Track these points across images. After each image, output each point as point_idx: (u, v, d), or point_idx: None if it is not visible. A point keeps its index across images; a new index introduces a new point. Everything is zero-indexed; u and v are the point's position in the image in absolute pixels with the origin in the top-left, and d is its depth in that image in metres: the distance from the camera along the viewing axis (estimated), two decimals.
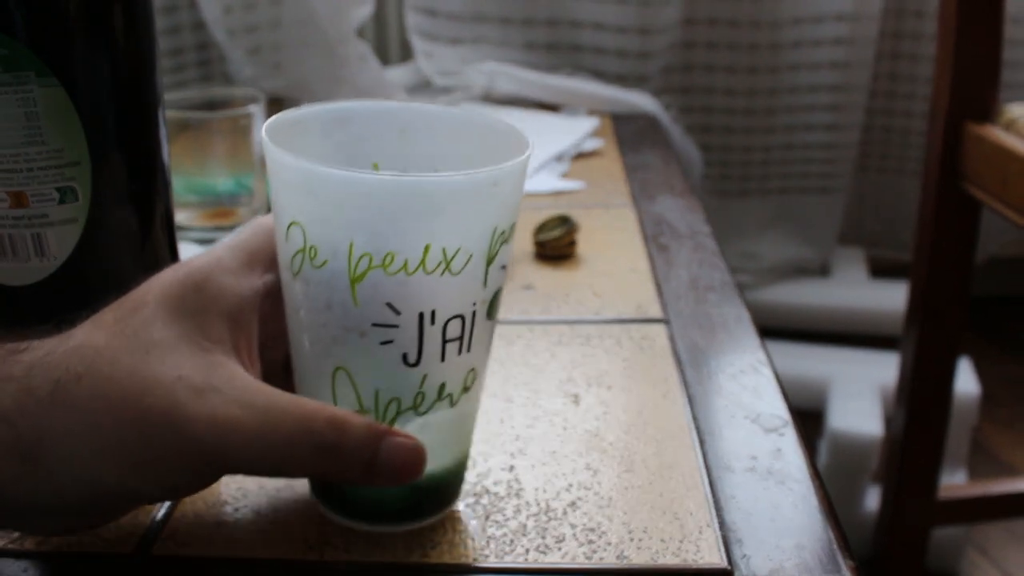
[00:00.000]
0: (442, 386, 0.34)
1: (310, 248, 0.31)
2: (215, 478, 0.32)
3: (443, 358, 0.33)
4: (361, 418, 0.31)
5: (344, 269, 0.31)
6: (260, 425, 0.30)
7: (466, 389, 0.35)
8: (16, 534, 0.36)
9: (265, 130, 0.32)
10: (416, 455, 0.32)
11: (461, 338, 0.33)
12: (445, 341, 0.33)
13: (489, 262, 0.33)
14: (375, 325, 0.32)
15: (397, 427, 0.33)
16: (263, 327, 0.35)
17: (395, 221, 0.31)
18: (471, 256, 0.32)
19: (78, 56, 0.38)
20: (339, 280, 0.31)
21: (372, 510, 0.36)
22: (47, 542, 0.36)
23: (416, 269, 0.31)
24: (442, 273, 0.31)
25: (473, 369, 0.35)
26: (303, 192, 0.31)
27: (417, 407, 0.33)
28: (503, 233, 0.33)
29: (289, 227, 0.32)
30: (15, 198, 0.38)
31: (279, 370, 0.36)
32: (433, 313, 0.32)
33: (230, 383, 0.31)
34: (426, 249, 0.31)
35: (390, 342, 0.32)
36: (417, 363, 0.33)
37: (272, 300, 0.35)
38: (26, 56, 0.36)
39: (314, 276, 0.32)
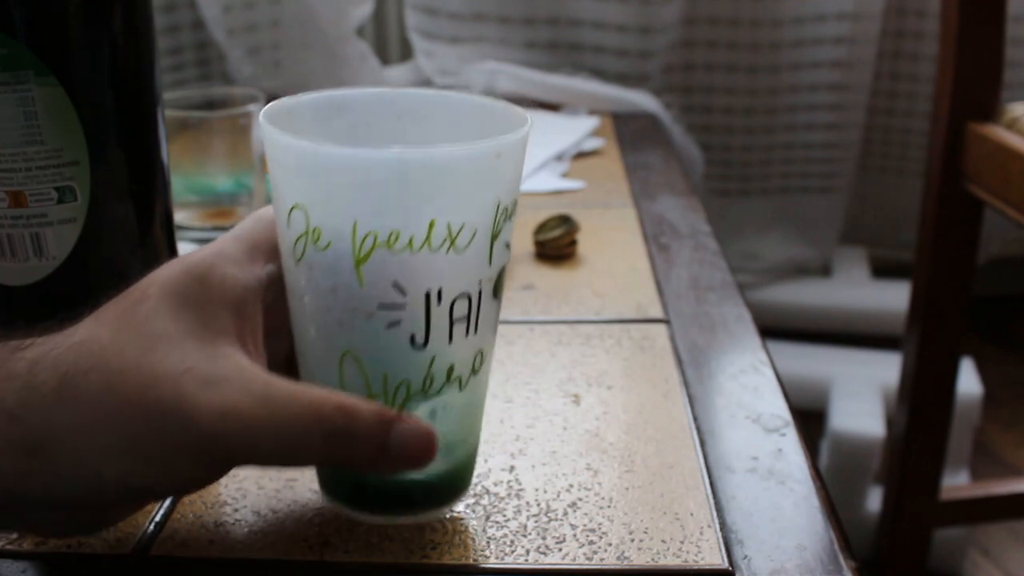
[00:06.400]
0: (451, 369, 0.33)
1: (313, 231, 0.31)
2: (224, 471, 0.32)
3: (451, 339, 0.33)
4: (371, 404, 0.31)
5: (348, 250, 0.31)
6: (269, 414, 0.30)
7: (475, 372, 0.34)
8: (15, 535, 0.36)
9: (263, 115, 0.32)
10: (428, 440, 0.31)
11: (468, 318, 0.33)
12: (452, 322, 0.33)
13: (493, 238, 0.33)
14: (381, 306, 0.32)
15: (407, 412, 0.33)
16: (265, 319, 0.34)
17: (399, 197, 0.31)
18: (476, 232, 0.32)
19: (77, 55, 0.37)
20: (343, 262, 0.31)
21: (381, 501, 0.36)
22: (46, 543, 0.36)
23: (421, 246, 0.31)
24: (447, 250, 0.31)
25: (481, 351, 0.34)
26: (305, 173, 0.31)
27: (426, 391, 0.33)
28: (506, 208, 0.33)
29: (291, 212, 0.32)
30: (14, 198, 0.38)
31: (282, 363, 0.36)
32: (440, 292, 0.32)
33: (237, 374, 0.30)
34: (431, 225, 0.31)
35: (397, 323, 0.32)
36: (425, 345, 0.32)
37: (274, 291, 0.34)
38: (25, 55, 0.36)
39: (318, 260, 0.32)
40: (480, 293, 0.33)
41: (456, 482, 0.37)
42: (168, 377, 0.29)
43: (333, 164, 0.30)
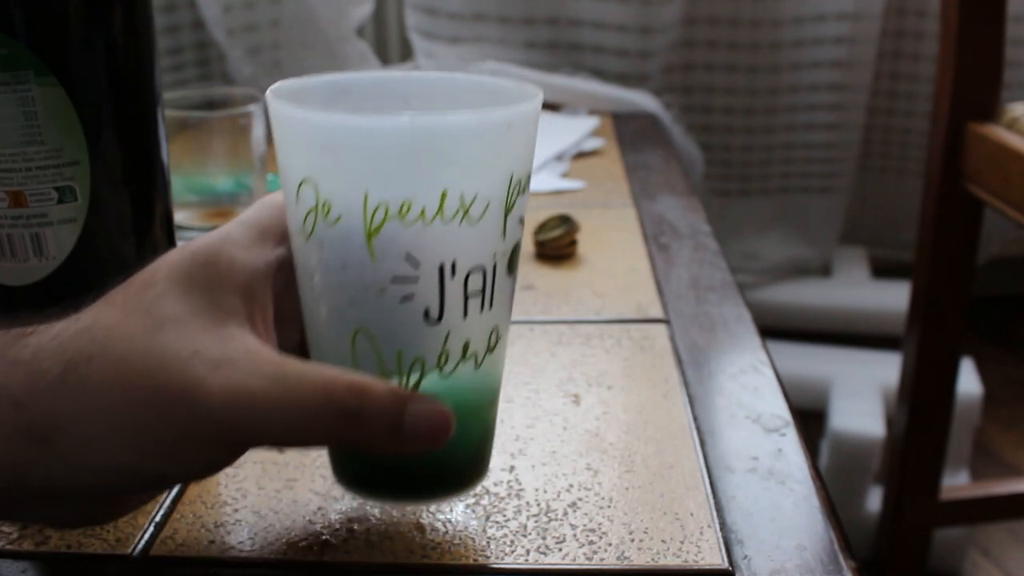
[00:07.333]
0: (466, 345, 0.33)
1: (323, 204, 0.31)
2: (235, 455, 0.31)
3: (465, 314, 0.32)
4: (383, 383, 0.30)
5: (359, 223, 0.30)
6: (279, 395, 0.29)
7: (490, 350, 0.34)
8: (15, 535, 0.36)
9: (271, 91, 0.32)
10: (443, 420, 0.31)
11: (483, 293, 0.32)
12: (467, 296, 0.32)
13: (507, 212, 0.32)
14: (394, 280, 0.31)
15: (422, 390, 0.32)
16: (275, 307, 0.34)
17: (410, 165, 0.30)
18: (489, 204, 0.31)
19: (77, 55, 0.37)
20: (355, 236, 0.31)
21: (395, 485, 0.35)
22: (46, 543, 0.36)
23: (434, 217, 0.30)
24: (460, 221, 0.31)
25: (496, 328, 0.34)
26: (314, 145, 0.31)
27: (441, 367, 0.32)
28: (520, 182, 0.32)
29: (299, 187, 0.31)
30: (14, 198, 0.38)
31: (293, 352, 0.35)
32: (453, 264, 0.31)
33: (247, 355, 0.30)
34: (443, 196, 0.30)
35: (410, 298, 0.31)
36: (439, 319, 0.32)
37: (284, 277, 0.34)
38: (25, 55, 0.36)
39: (328, 235, 0.31)
40: (495, 267, 0.33)
41: (472, 466, 0.36)
42: (176, 360, 0.29)
43: (342, 133, 0.30)
